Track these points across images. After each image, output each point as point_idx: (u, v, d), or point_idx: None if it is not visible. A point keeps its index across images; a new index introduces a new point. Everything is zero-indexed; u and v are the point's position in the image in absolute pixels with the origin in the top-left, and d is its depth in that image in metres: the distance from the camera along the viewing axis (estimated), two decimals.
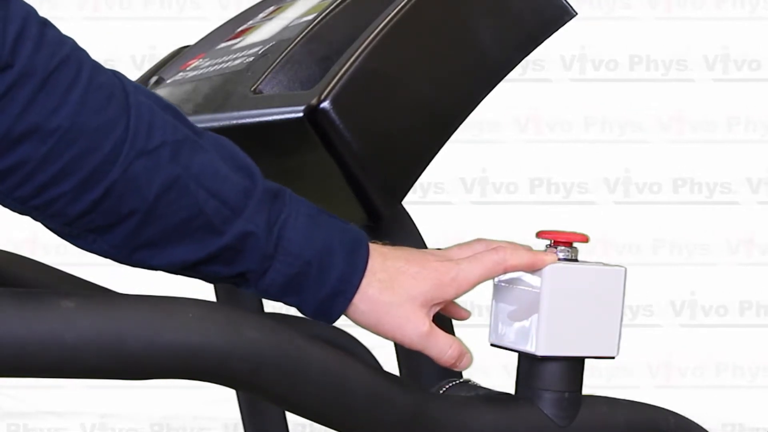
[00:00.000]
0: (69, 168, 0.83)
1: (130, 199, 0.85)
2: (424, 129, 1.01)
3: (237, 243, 0.89)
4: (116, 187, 0.84)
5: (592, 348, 1.01)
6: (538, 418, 0.99)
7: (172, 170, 0.86)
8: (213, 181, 0.88)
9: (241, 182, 0.89)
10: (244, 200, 0.89)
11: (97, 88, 0.83)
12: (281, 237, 0.90)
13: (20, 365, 0.82)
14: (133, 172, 0.84)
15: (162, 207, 0.86)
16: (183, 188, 0.87)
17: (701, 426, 1.07)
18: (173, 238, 0.88)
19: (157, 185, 0.85)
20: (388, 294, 0.94)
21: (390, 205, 1.00)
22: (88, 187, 0.84)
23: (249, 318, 0.90)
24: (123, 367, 0.85)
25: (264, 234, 0.90)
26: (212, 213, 0.88)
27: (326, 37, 1.07)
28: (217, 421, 2.92)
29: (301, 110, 0.95)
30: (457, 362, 0.98)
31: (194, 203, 0.87)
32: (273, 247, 0.90)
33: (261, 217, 0.89)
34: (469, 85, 1.03)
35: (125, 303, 0.86)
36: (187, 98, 1.16)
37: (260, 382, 0.88)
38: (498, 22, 1.04)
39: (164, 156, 0.86)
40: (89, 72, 0.84)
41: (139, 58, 3.02)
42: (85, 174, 0.83)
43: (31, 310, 0.82)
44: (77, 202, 0.84)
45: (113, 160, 0.84)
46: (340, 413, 0.92)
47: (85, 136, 0.82)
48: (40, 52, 0.81)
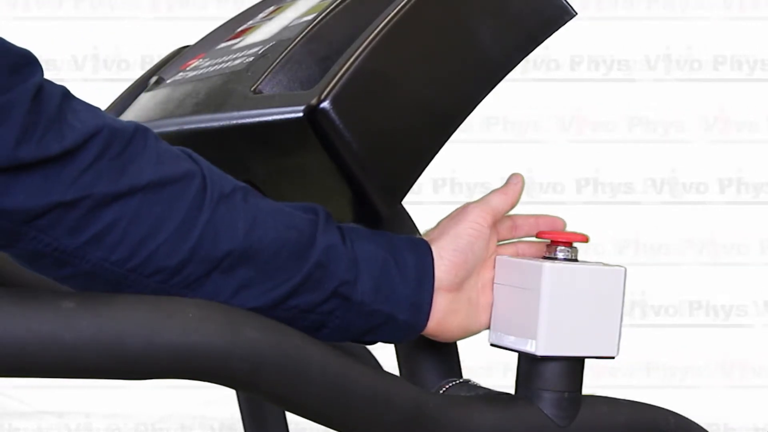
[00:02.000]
0: (162, 218, 0.86)
1: (223, 240, 0.89)
2: (424, 129, 1.01)
3: (323, 258, 0.93)
4: (208, 231, 0.88)
5: (592, 348, 1.01)
6: (538, 418, 0.99)
7: (249, 210, 0.91)
8: (285, 217, 0.93)
9: (305, 214, 0.95)
10: (315, 225, 0.94)
11: (166, 149, 0.89)
12: (354, 246, 0.95)
13: (20, 365, 0.82)
14: (219, 214, 0.89)
15: (251, 244, 0.90)
16: (264, 224, 0.91)
17: (701, 426, 1.07)
18: (268, 274, 0.91)
19: (242, 224, 0.90)
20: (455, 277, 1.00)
21: (390, 205, 1.00)
22: (183, 233, 0.87)
23: (249, 318, 0.90)
24: (123, 367, 0.85)
25: (342, 243, 0.95)
26: (294, 242, 0.92)
27: (326, 37, 1.07)
28: (217, 421, 2.92)
29: (301, 110, 0.95)
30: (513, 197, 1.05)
31: (277, 237, 0.92)
32: (353, 254, 0.95)
33: (333, 234, 0.95)
34: (469, 85, 1.03)
35: (125, 303, 0.86)
36: (187, 98, 1.16)
37: (260, 382, 0.89)
38: (498, 22, 1.04)
39: (239, 199, 0.91)
40: (154, 136, 0.89)
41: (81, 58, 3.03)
42: (178, 222, 0.87)
43: (31, 310, 0.82)
44: (175, 253, 0.87)
45: (200, 204, 0.88)
46: (340, 413, 0.92)
47: (170, 187, 0.87)
48: (116, 125, 0.86)
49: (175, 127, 1.13)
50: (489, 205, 1.03)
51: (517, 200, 1.05)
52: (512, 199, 1.05)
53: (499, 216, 1.04)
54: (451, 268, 0.99)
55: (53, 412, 2.95)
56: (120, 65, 3.05)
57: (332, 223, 0.96)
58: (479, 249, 1.01)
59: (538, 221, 1.07)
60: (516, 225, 1.07)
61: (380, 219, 1.01)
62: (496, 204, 1.04)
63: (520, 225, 1.07)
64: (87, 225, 0.84)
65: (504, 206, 1.04)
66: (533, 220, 1.07)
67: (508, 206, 1.05)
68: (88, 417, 2.96)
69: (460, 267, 1.00)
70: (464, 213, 1.02)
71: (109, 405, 2.96)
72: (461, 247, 1.00)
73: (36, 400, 2.97)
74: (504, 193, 1.05)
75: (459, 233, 1.01)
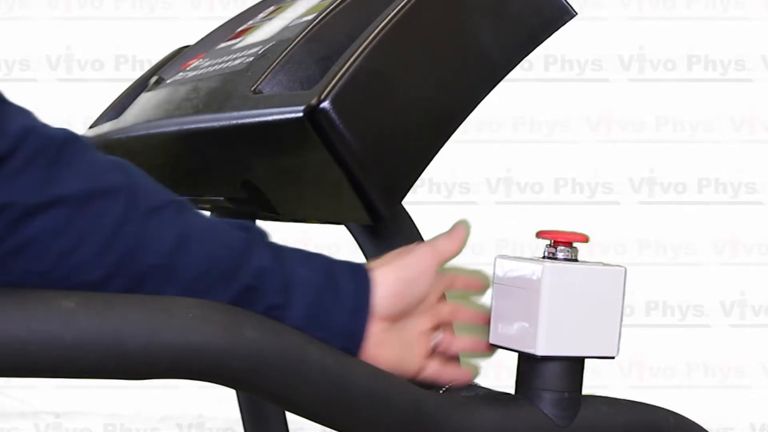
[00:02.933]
0: (87, 232, 0.85)
1: (149, 255, 0.87)
2: (424, 129, 1.01)
3: (254, 282, 0.91)
4: (133, 246, 0.87)
5: (592, 348, 1.01)
6: (538, 418, 0.99)
7: (180, 225, 0.89)
8: (216, 233, 0.91)
9: (239, 233, 0.93)
10: (249, 245, 0.92)
11: (97, 160, 0.87)
12: (288, 271, 0.93)
13: (20, 365, 0.82)
14: (146, 228, 0.87)
15: (178, 261, 0.89)
16: (194, 241, 0.89)
17: (701, 426, 1.07)
18: (195, 293, 0.90)
19: (170, 240, 0.88)
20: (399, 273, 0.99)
21: (390, 205, 1.00)
22: (106, 248, 0.86)
23: (249, 318, 0.90)
24: (123, 367, 0.85)
25: (273, 267, 0.92)
26: (225, 261, 0.90)
27: (326, 37, 1.07)
28: (218, 421, 2.92)
29: (301, 110, 0.95)
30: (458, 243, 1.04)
31: (206, 254, 0.90)
32: (287, 279, 0.93)
33: (267, 255, 0.93)
34: (469, 85, 1.03)
35: (125, 303, 0.86)
36: (187, 98, 1.16)
37: (260, 382, 0.88)
38: (498, 22, 1.04)
39: (170, 213, 0.89)
40: (85, 147, 0.87)
41: (55, 58, 3.03)
42: (103, 236, 0.85)
43: (31, 310, 0.82)
44: (97, 267, 0.86)
45: (127, 220, 0.86)
46: (340, 413, 0.92)
47: (97, 200, 0.85)
48: (46, 132, 0.84)
49: (175, 127, 1.13)
50: (436, 248, 1.03)
51: (462, 246, 1.05)
52: (459, 245, 1.05)
53: (444, 261, 1.04)
54: (391, 296, 0.98)
55: (52, 412, 2.95)
56: (94, 65, 3.05)
57: (267, 244, 0.94)
58: (422, 286, 1.00)
59: (469, 277, 1.07)
60: (456, 279, 1.06)
61: (380, 219, 1.01)
62: (443, 247, 1.03)
63: (459, 280, 1.06)
64: (8, 236, 0.83)
65: (450, 252, 1.04)
66: (465, 277, 1.07)
67: (454, 251, 1.04)
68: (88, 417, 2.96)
69: (399, 297, 0.98)
70: (413, 249, 1.02)
71: (109, 405, 2.96)
72: (405, 278, 0.99)
73: (36, 400, 2.97)
74: (450, 238, 1.04)
75: (406, 265, 1.00)
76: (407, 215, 1.14)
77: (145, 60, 2.99)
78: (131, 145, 1.22)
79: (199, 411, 2.94)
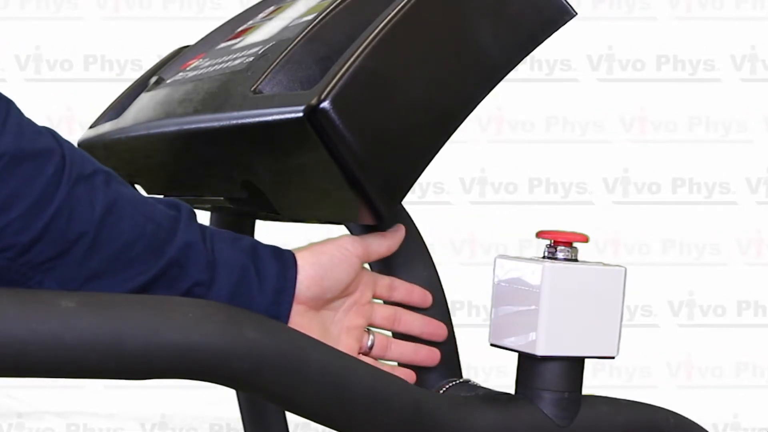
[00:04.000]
0: (16, 192, 0.84)
1: (77, 222, 0.87)
2: (424, 129, 1.01)
3: (180, 256, 0.92)
4: (63, 211, 0.86)
5: (592, 348, 1.01)
6: (538, 418, 0.99)
7: (109, 194, 0.89)
8: (145, 207, 0.92)
9: (167, 209, 0.93)
10: (176, 220, 0.93)
11: (28, 122, 0.87)
12: (214, 248, 0.94)
13: (20, 365, 0.82)
14: (76, 194, 0.87)
15: (106, 231, 0.88)
16: (122, 211, 0.90)
17: (701, 426, 1.07)
18: (120, 264, 0.90)
19: (99, 208, 0.88)
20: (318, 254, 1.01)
21: (390, 205, 1.00)
22: (36, 211, 0.85)
23: (249, 318, 0.90)
24: (123, 367, 0.85)
25: (201, 243, 0.93)
26: (152, 234, 0.91)
27: (326, 37, 1.07)
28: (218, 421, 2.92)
29: (301, 110, 0.95)
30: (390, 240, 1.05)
31: (134, 225, 0.90)
32: (212, 256, 0.94)
33: (194, 232, 0.94)
34: (469, 85, 1.03)
35: (125, 303, 0.86)
36: (187, 98, 1.16)
37: (260, 382, 0.89)
38: (498, 22, 1.04)
39: (99, 182, 0.89)
40: (17, 110, 0.87)
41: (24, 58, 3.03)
42: (33, 199, 0.85)
43: (31, 310, 0.82)
44: (27, 229, 0.85)
45: (57, 183, 0.86)
46: (340, 413, 0.92)
47: (28, 160, 0.85)
48: None
49: (175, 127, 1.13)
50: (363, 239, 1.04)
51: (395, 247, 1.07)
52: (389, 243, 1.06)
53: (372, 254, 1.05)
54: (307, 278, 0.99)
55: (53, 412, 2.95)
56: (63, 65, 3.05)
57: (195, 222, 0.95)
58: (341, 272, 1.01)
59: (413, 289, 1.08)
60: (394, 286, 1.08)
61: (380, 219, 1.01)
62: (371, 241, 1.05)
63: (397, 287, 1.08)
64: None
65: (378, 247, 1.05)
66: (409, 287, 1.08)
67: (383, 248, 1.06)
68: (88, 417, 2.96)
69: (315, 281, 0.99)
70: (335, 238, 1.03)
71: (109, 405, 2.96)
72: (320, 262, 1.00)
73: (36, 400, 2.97)
74: (382, 236, 1.06)
75: (323, 250, 1.01)
76: (407, 215, 1.14)
77: (114, 60, 3.00)
78: (131, 145, 1.22)
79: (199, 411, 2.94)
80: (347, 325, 1.03)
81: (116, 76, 2.91)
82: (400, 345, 1.07)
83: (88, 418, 2.95)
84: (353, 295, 1.04)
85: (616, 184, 2.99)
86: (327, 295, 1.01)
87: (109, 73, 2.50)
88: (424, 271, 1.12)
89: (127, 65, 2.95)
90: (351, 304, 1.04)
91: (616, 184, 2.99)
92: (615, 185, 2.99)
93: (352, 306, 1.04)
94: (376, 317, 1.06)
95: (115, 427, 2.95)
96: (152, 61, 1.42)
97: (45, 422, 2.95)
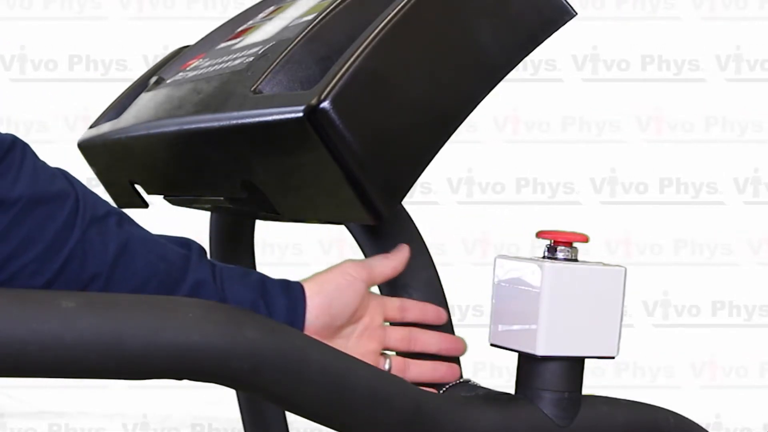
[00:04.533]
0: (31, 237, 0.85)
1: (91, 263, 0.88)
2: (424, 129, 1.01)
3: (191, 294, 0.93)
4: (76, 253, 0.87)
5: (592, 348, 1.01)
6: (538, 418, 0.99)
7: (121, 235, 0.90)
8: (156, 247, 0.93)
9: (177, 248, 0.94)
10: (187, 259, 0.94)
11: (42, 166, 0.88)
12: (224, 286, 0.95)
13: (20, 365, 0.82)
14: (90, 237, 0.88)
15: (119, 271, 0.90)
16: (135, 252, 0.91)
17: (701, 426, 1.07)
18: None
19: (112, 249, 0.89)
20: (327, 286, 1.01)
21: (390, 205, 1.00)
22: (50, 254, 0.86)
23: (249, 318, 0.90)
24: (123, 367, 0.85)
25: (212, 282, 0.94)
26: (164, 274, 0.92)
27: (326, 37, 1.07)
28: (218, 421, 2.92)
29: (301, 110, 0.95)
30: (394, 262, 1.05)
31: (147, 265, 0.91)
32: (222, 294, 0.95)
33: (204, 271, 0.95)
34: (469, 85, 1.03)
35: (125, 303, 0.86)
36: (187, 98, 1.16)
37: (260, 382, 0.89)
38: (498, 22, 1.04)
39: (112, 223, 0.90)
40: (33, 153, 0.88)
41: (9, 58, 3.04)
42: (47, 242, 0.86)
43: (31, 310, 0.82)
44: (42, 272, 0.86)
45: (71, 226, 0.87)
46: (340, 413, 0.92)
47: (42, 205, 0.86)
48: None
49: (175, 127, 1.13)
50: (366, 263, 1.05)
51: (400, 268, 1.07)
52: (394, 264, 1.06)
53: (377, 276, 1.05)
54: (314, 309, 1.00)
55: (53, 412, 2.95)
56: (48, 65, 3.05)
57: (205, 260, 0.96)
58: (349, 299, 1.02)
59: (426, 308, 1.08)
60: (405, 307, 1.08)
61: (380, 219, 1.01)
62: (375, 264, 1.05)
63: (409, 308, 1.08)
64: None
65: (383, 268, 1.05)
66: (421, 306, 1.08)
67: (388, 269, 1.06)
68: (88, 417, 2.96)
69: (323, 310, 1.00)
70: (338, 265, 1.04)
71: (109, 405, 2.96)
72: (326, 291, 1.01)
73: (36, 400, 2.97)
74: (386, 257, 1.06)
75: (327, 279, 1.02)
76: (407, 215, 1.14)
77: (99, 60, 3.00)
78: (131, 145, 1.22)
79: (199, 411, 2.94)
80: (361, 351, 1.03)
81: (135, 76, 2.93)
82: (418, 365, 1.06)
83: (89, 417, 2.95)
84: (363, 320, 1.04)
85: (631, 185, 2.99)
86: (336, 322, 1.01)
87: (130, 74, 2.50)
88: (424, 272, 1.12)
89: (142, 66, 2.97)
90: (362, 330, 1.04)
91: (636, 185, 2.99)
92: (629, 187, 2.99)
93: (363, 331, 1.04)
94: (390, 340, 1.06)
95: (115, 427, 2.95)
96: None
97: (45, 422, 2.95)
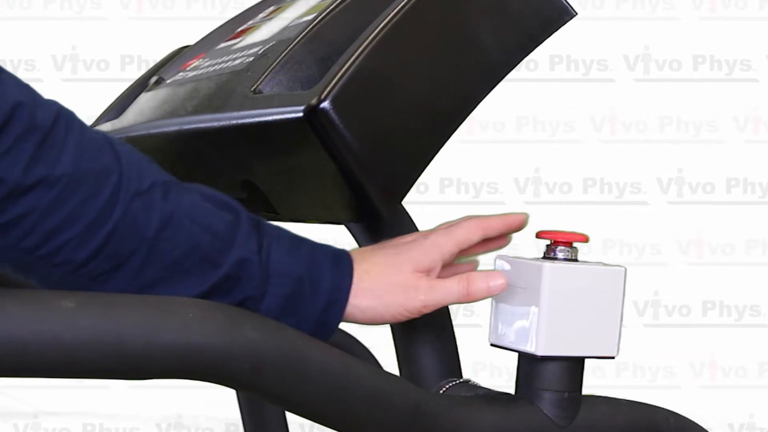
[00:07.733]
0: (73, 214, 0.85)
1: (132, 238, 0.88)
2: (424, 129, 1.01)
3: (234, 271, 0.92)
4: (118, 229, 0.87)
5: (592, 348, 1.01)
6: (538, 418, 0.99)
7: (165, 208, 0.89)
8: (203, 217, 0.91)
9: (227, 216, 0.93)
10: (234, 231, 0.92)
11: (89, 140, 0.87)
12: (270, 260, 0.93)
13: (20, 365, 0.82)
14: (132, 212, 0.87)
15: (161, 244, 0.89)
16: (178, 224, 0.90)
17: (701, 426, 1.07)
18: (175, 276, 0.90)
19: (154, 223, 0.88)
20: (380, 280, 0.98)
21: (390, 205, 1.00)
22: (93, 231, 0.86)
23: (249, 318, 0.90)
24: (123, 367, 0.85)
25: (257, 259, 0.93)
26: (207, 246, 0.91)
27: (326, 37, 1.07)
28: (217, 421, 2.92)
29: (301, 110, 0.95)
30: (472, 290, 1.00)
31: (189, 238, 0.90)
32: (266, 271, 0.93)
33: (251, 245, 0.93)
34: (469, 85, 1.03)
35: (125, 303, 0.86)
36: (187, 98, 1.16)
37: (260, 382, 0.88)
38: (498, 22, 1.04)
39: (157, 195, 0.89)
40: (79, 124, 0.88)
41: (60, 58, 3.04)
42: (90, 218, 0.86)
43: (31, 310, 0.82)
44: (83, 248, 0.86)
45: (113, 203, 0.87)
46: (340, 413, 0.92)
47: (87, 182, 0.85)
48: (38, 108, 0.84)
49: (175, 127, 1.13)
50: (454, 238, 1.01)
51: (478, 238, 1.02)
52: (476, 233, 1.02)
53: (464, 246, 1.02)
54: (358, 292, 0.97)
55: (53, 412, 2.95)
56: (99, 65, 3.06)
57: (253, 228, 0.94)
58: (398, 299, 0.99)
59: (501, 220, 1.04)
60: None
61: (380, 219, 1.01)
62: (458, 238, 1.01)
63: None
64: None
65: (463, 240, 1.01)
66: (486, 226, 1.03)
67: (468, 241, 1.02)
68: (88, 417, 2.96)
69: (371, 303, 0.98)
70: (412, 248, 1.00)
71: (109, 405, 2.96)
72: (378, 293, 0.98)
73: (36, 400, 2.97)
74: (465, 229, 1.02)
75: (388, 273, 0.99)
76: (407, 215, 1.14)
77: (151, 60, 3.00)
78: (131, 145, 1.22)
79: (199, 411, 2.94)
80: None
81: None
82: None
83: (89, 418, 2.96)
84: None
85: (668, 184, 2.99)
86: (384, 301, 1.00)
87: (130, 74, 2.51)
88: None
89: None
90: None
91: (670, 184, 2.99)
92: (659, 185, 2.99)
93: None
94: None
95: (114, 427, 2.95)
96: None
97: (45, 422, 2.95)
